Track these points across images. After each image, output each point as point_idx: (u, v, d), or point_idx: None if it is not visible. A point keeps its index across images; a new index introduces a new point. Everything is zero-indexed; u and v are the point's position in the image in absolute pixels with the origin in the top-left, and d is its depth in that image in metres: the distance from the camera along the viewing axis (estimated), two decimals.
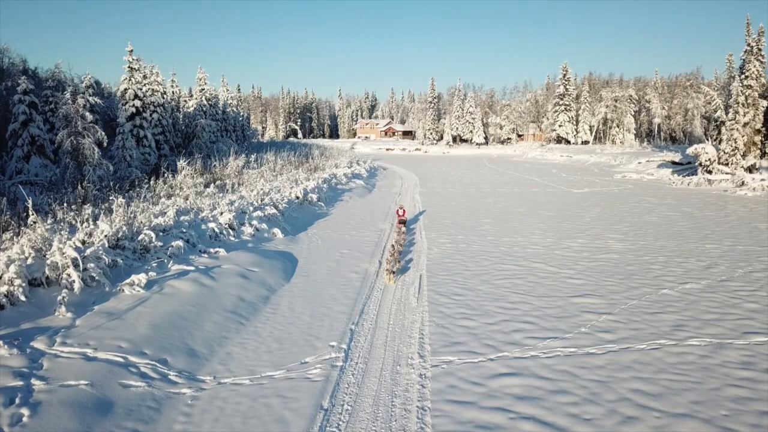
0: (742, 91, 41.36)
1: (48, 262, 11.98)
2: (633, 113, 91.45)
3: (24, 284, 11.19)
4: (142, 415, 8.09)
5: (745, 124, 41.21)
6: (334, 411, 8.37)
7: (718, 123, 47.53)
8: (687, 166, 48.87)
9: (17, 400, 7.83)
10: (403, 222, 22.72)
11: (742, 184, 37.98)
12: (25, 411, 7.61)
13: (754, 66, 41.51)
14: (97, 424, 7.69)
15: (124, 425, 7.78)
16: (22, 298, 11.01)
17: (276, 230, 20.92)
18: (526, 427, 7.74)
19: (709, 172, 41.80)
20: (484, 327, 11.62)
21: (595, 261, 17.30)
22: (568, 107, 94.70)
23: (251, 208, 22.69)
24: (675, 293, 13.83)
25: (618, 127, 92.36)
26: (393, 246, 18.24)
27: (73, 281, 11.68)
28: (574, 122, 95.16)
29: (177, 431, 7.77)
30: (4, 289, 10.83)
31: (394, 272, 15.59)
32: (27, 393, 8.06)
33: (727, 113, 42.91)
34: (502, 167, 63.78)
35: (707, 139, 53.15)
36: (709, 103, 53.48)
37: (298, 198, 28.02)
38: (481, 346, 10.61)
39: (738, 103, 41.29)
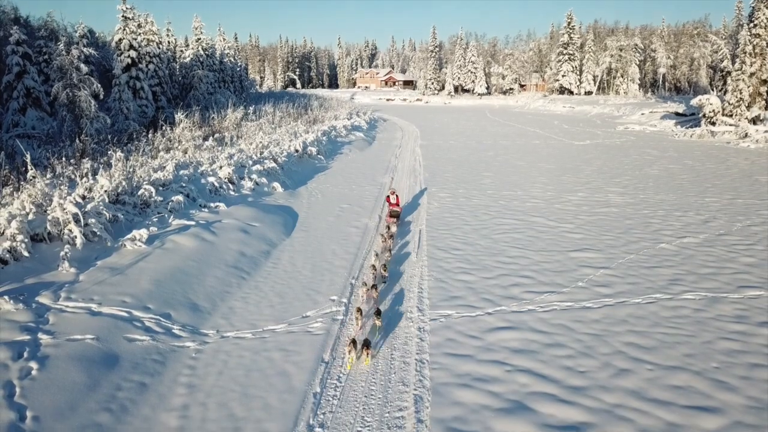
0: (749, 40, 40.41)
1: (49, 217, 12.03)
2: (638, 63, 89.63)
3: (26, 240, 11.29)
4: (147, 368, 8.30)
5: (752, 74, 40.47)
6: (335, 364, 8.58)
7: (724, 73, 46.81)
8: (691, 118, 48.31)
9: (25, 354, 8.02)
10: (395, 215, 16.22)
11: (746, 135, 37.66)
12: (33, 365, 7.81)
13: (764, 14, 40.36)
14: (104, 377, 7.90)
15: (130, 378, 8.00)
16: (25, 253, 11.13)
17: (276, 184, 20.89)
18: (521, 380, 7.96)
19: (713, 124, 41.35)
20: (483, 281, 11.77)
21: (594, 215, 17.35)
22: (572, 57, 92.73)
23: (250, 162, 22.59)
24: (672, 247, 13.93)
25: (622, 77, 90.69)
26: (373, 266, 12.05)
27: (75, 237, 11.78)
28: (578, 72, 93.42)
29: (182, 384, 8.00)
30: (7, 244, 10.93)
31: (367, 349, 8.46)
32: (35, 347, 8.25)
33: (733, 63, 42.07)
34: (503, 118, 63.06)
35: (712, 90, 52.39)
36: (716, 53, 52.44)
37: (297, 151, 27.86)
38: (479, 301, 10.78)
39: (745, 52, 40.45)
